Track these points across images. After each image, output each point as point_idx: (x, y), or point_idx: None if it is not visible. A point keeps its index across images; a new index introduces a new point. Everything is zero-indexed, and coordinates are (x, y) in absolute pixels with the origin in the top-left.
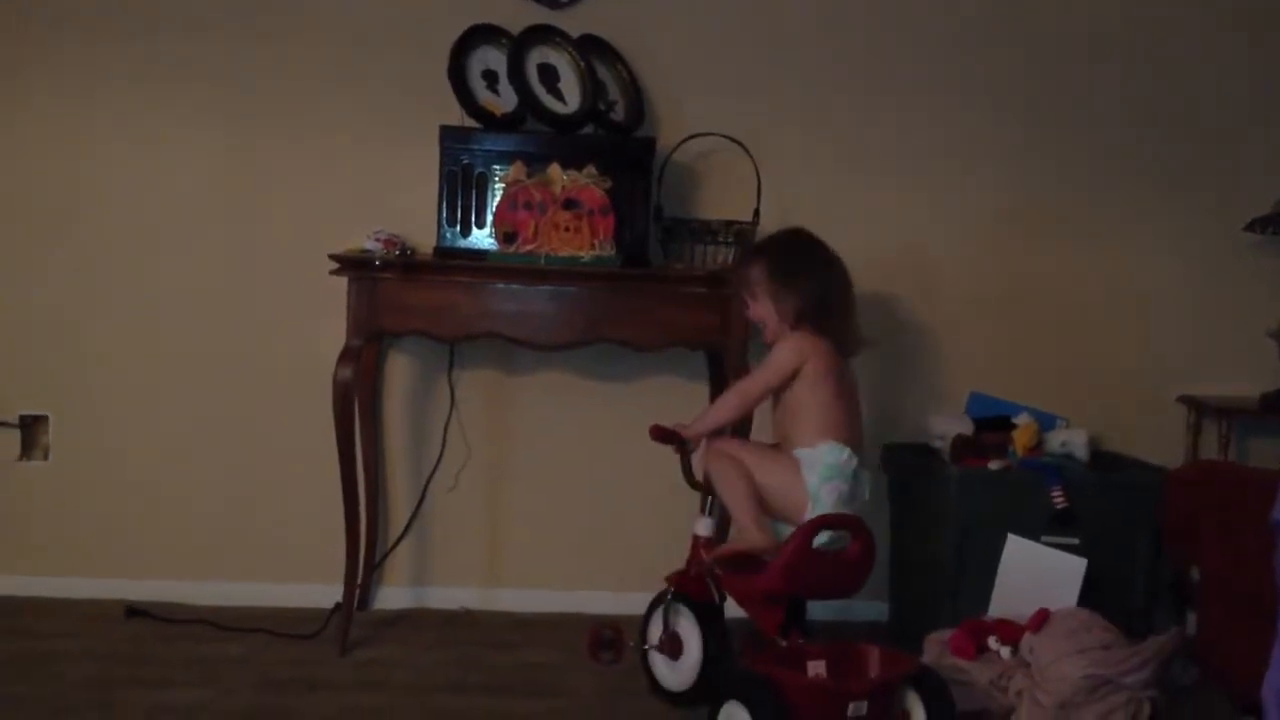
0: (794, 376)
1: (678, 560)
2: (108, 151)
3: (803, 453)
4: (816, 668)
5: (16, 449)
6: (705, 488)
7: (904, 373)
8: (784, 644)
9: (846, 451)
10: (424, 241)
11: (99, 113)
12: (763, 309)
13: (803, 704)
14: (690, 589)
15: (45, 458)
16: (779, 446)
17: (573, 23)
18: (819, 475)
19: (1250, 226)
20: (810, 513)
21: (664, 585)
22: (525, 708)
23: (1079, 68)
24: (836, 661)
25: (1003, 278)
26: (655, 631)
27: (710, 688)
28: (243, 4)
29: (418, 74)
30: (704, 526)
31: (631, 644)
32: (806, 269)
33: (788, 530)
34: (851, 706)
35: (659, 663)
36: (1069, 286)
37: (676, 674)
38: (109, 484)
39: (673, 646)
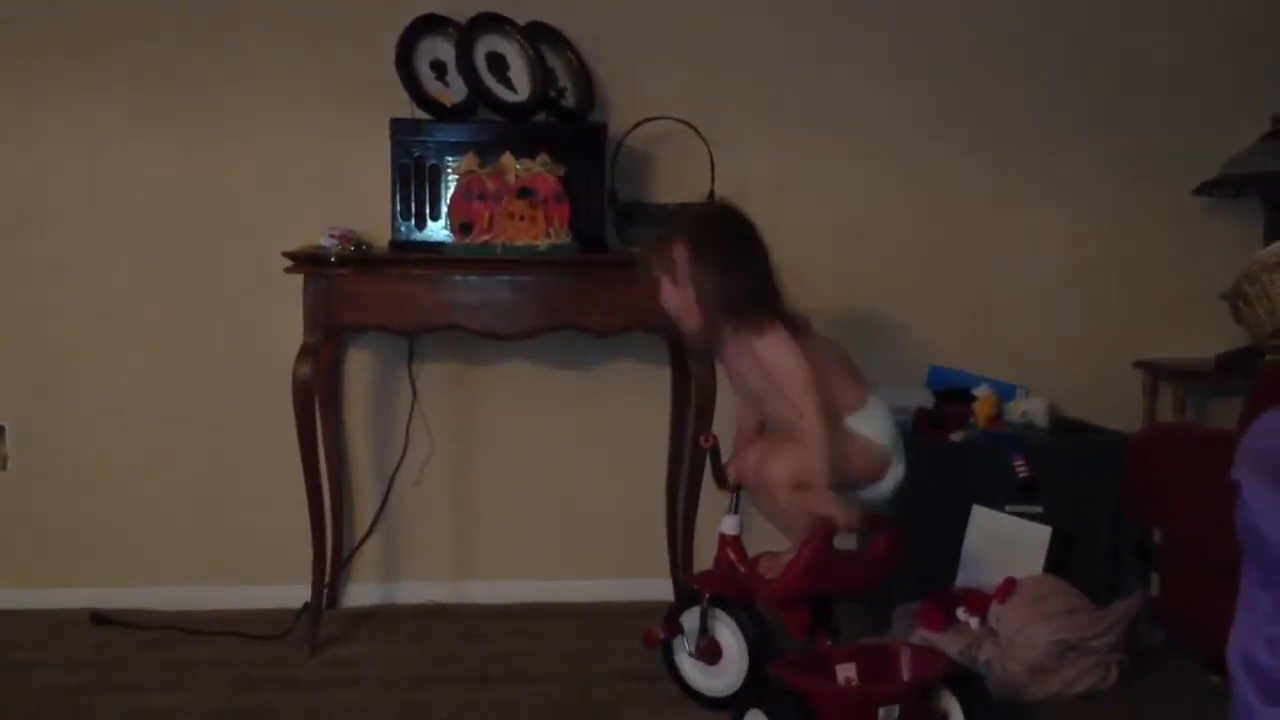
0: None
1: (647, 545)
2: (60, 155)
3: (857, 417)
4: (845, 671)
5: None
6: (733, 488)
7: (862, 348)
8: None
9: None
10: (379, 236)
11: (50, 116)
12: (683, 296)
13: (831, 710)
14: (725, 589)
15: (3, 468)
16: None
17: (520, 10)
18: (887, 427)
19: (1200, 190)
20: (895, 464)
21: (694, 587)
22: (500, 696)
23: (1029, 35)
24: (866, 663)
25: (958, 250)
26: (690, 636)
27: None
28: (192, 6)
29: (365, 67)
30: (730, 525)
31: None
32: (744, 252)
33: (878, 491)
34: (883, 711)
35: (691, 668)
36: (1024, 256)
37: (714, 679)
38: (70, 492)
39: (710, 652)
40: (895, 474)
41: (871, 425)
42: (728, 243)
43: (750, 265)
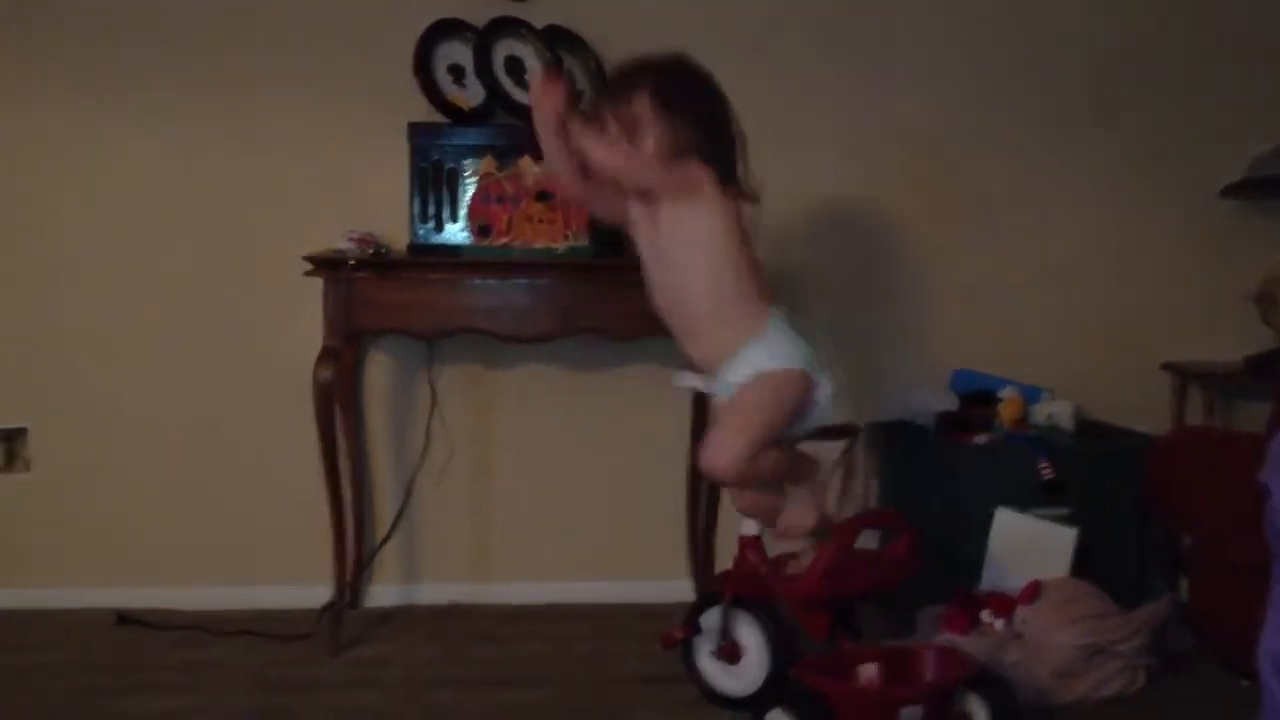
0: (674, 202)
1: (663, 548)
2: (76, 158)
3: (763, 345)
4: (868, 672)
5: None
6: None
7: (886, 351)
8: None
9: (783, 310)
10: (398, 239)
11: (66, 119)
12: (635, 154)
13: (852, 711)
14: (746, 590)
15: (27, 470)
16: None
17: (538, 14)
18: (795, 346)
19: (1225, 192)
20: (820, 380)
21: (716, 589)
22: (519, 699)
23: (1047, 27)
24: (889, 664)
25: (982, 251)
26: (710, 637)
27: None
28: (206, 8)
29: (384, 71)
30: (751, 526)
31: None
32: (715, 103)
33: (816, 415)
34: (905, 713)
35: (712, 668)
36: (1048, 259)
37: (734, 679)
38: (92, 493)
39: (731, 652)
40: (825, 389)
41: (782, 354)
42: (693, 92)
43: (713, 118)
